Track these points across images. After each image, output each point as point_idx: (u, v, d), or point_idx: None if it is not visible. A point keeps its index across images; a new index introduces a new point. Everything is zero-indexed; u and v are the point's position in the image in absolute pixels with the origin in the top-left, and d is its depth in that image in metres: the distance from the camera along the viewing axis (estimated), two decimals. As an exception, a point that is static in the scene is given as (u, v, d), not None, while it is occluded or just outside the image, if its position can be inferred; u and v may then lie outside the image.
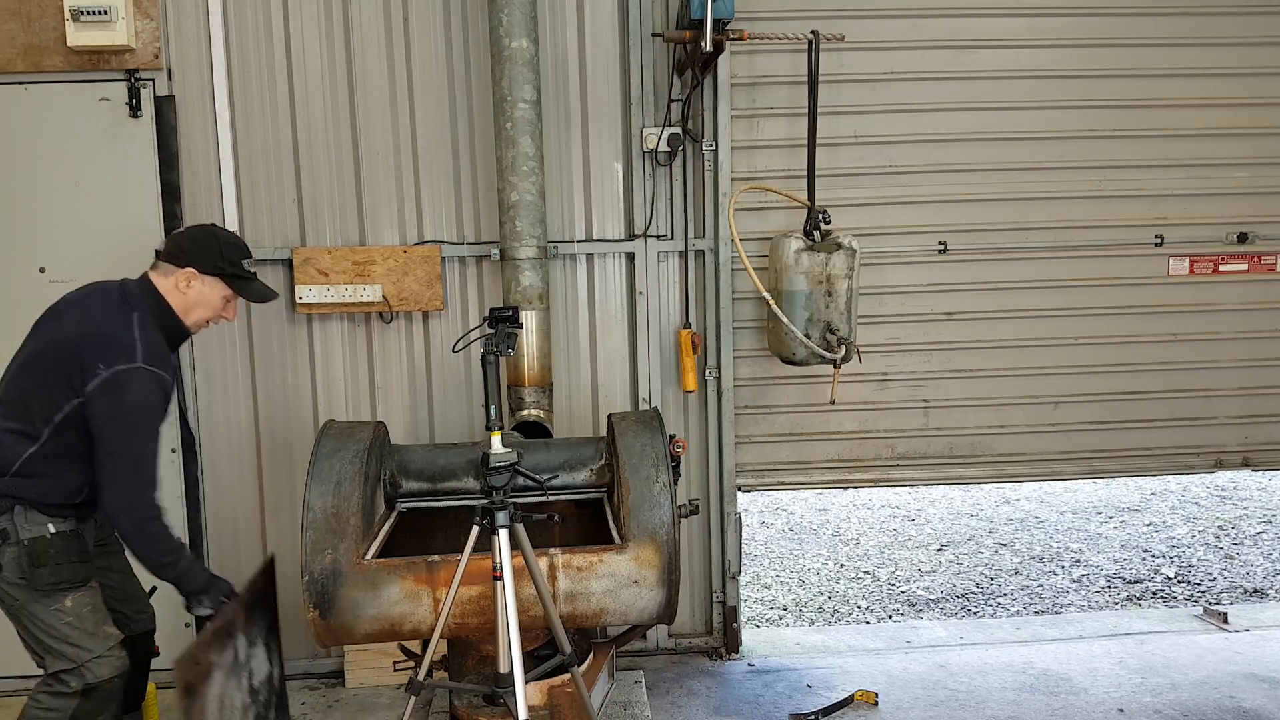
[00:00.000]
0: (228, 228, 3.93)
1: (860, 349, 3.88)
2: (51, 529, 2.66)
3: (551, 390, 3.83)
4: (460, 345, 3.14)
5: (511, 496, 2.72)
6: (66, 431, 2.64)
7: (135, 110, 3.83)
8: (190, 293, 2.79)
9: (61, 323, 2.72)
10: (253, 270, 2.90)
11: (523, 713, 2.59)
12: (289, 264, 3.95)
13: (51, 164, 3.84)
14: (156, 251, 2.89)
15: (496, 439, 2.74)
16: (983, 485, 6.95)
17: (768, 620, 4.97)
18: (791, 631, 4.68)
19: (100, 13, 3.68)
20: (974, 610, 5.04)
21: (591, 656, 3.33)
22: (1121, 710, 3.66)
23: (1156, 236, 4.25)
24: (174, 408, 3.13)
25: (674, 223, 4.10)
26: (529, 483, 3.21)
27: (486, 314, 2.96)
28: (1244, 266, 4.32)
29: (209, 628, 2.63)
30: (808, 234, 3.77)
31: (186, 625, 4.05)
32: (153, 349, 2.67)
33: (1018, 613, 4.97)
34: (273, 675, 3.07)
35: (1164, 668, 4.01)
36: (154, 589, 3.08)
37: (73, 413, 2.62)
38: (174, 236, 2.92)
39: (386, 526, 3.17)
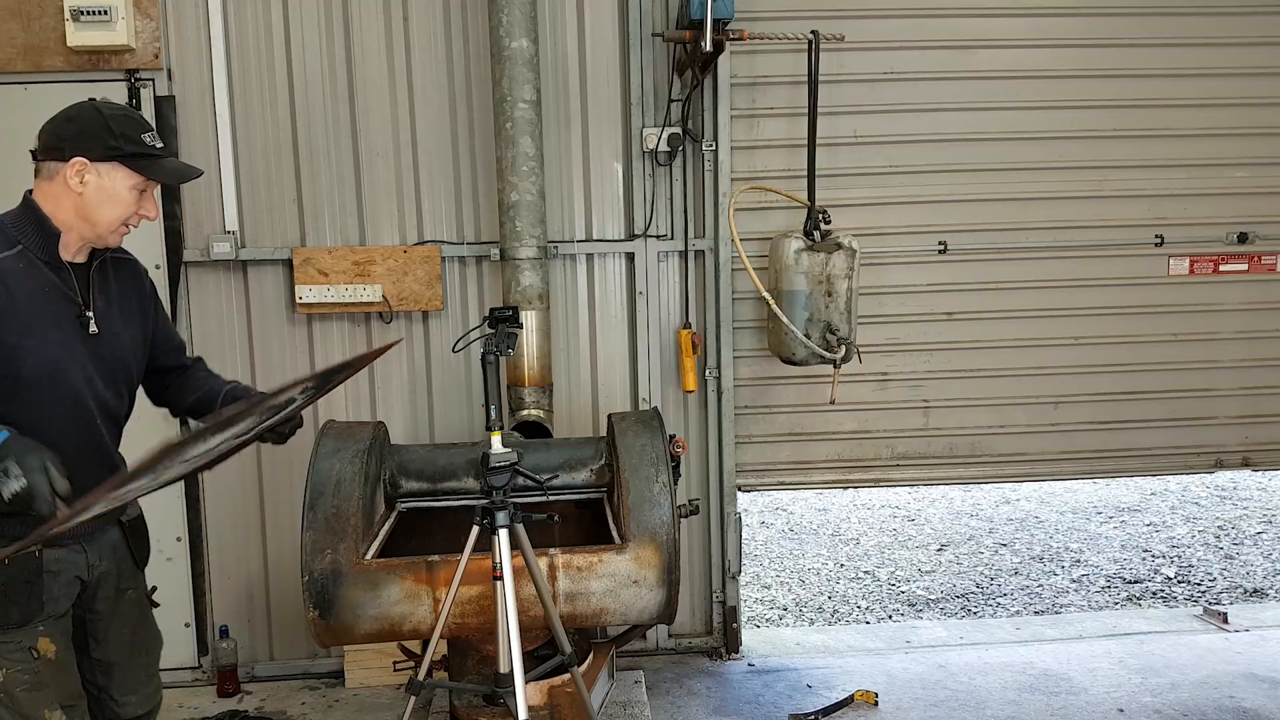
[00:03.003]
0: (228, 227, 3.96)
1: (860, 349, 3.88)
2: None
3: (551, 390, 3.83)
4: (460, 345, 3.14)
5: (511, 496, 2.72)
6: None
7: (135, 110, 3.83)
8: (88, 189, 2.11)
9: None
10: (159, 145, 2.20)
11: (523, 713, 2.59)
12: (289, 264, 3.95)
13: (51, 164, 3.83)
14: (32, 153, 2.20)
15: (496, 439, 2.74)
16: (983, 485, 6.95)
17: (768, 620, 4.97)
18: (791, 631, 4.68)
19: (100, 13, 3.68)
20: (974, 610, 5.04)
21: (591, 656, 3.33)
22: (1121, 710, 3.66)
23: (1156, 236, 4.25)
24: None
25: (674, 223, 4.11)
26: (529, 483, 3.21)
27: (486, 314, 2.96)
28: (1244, 266, 4.32)
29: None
30: (808, 234, 3.77)
31: (186, 625, 4.07)
32: None
33: (1018, 613, 4.97)
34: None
35: (1164, 668, 4.01)
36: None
37: None
38: (46, 125, 2.18)
39: (386, 526, 3.17)
